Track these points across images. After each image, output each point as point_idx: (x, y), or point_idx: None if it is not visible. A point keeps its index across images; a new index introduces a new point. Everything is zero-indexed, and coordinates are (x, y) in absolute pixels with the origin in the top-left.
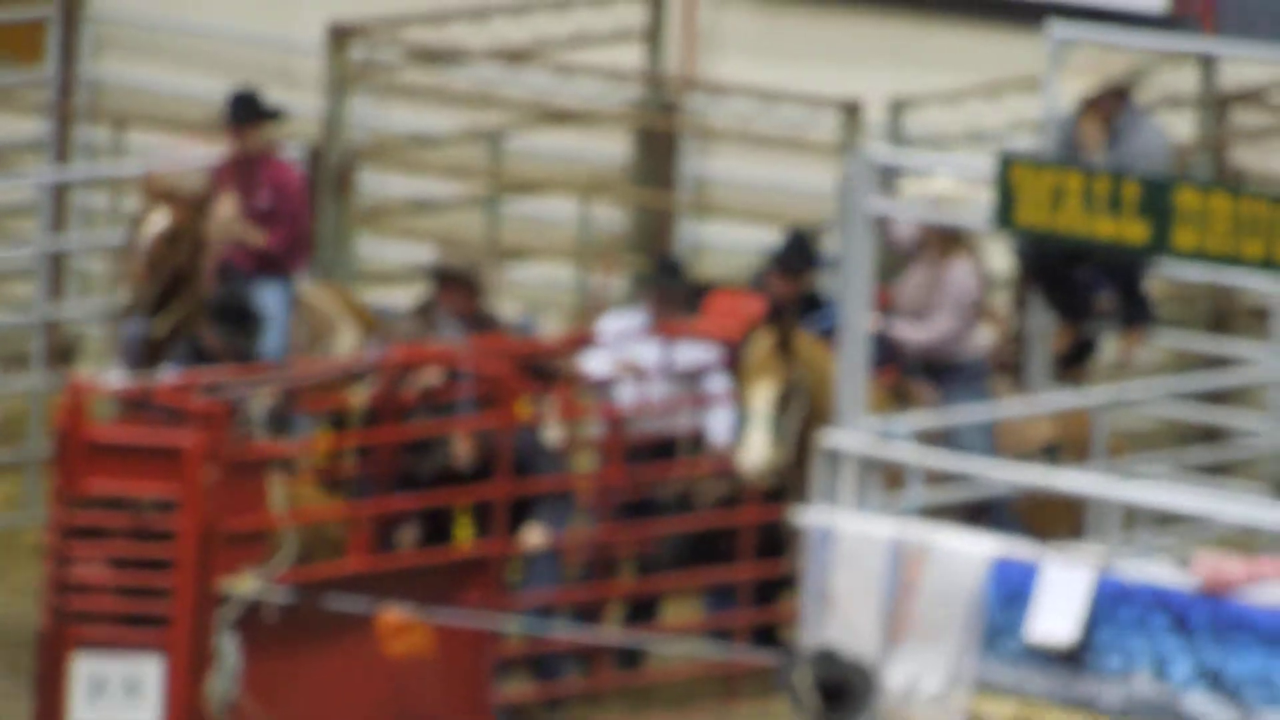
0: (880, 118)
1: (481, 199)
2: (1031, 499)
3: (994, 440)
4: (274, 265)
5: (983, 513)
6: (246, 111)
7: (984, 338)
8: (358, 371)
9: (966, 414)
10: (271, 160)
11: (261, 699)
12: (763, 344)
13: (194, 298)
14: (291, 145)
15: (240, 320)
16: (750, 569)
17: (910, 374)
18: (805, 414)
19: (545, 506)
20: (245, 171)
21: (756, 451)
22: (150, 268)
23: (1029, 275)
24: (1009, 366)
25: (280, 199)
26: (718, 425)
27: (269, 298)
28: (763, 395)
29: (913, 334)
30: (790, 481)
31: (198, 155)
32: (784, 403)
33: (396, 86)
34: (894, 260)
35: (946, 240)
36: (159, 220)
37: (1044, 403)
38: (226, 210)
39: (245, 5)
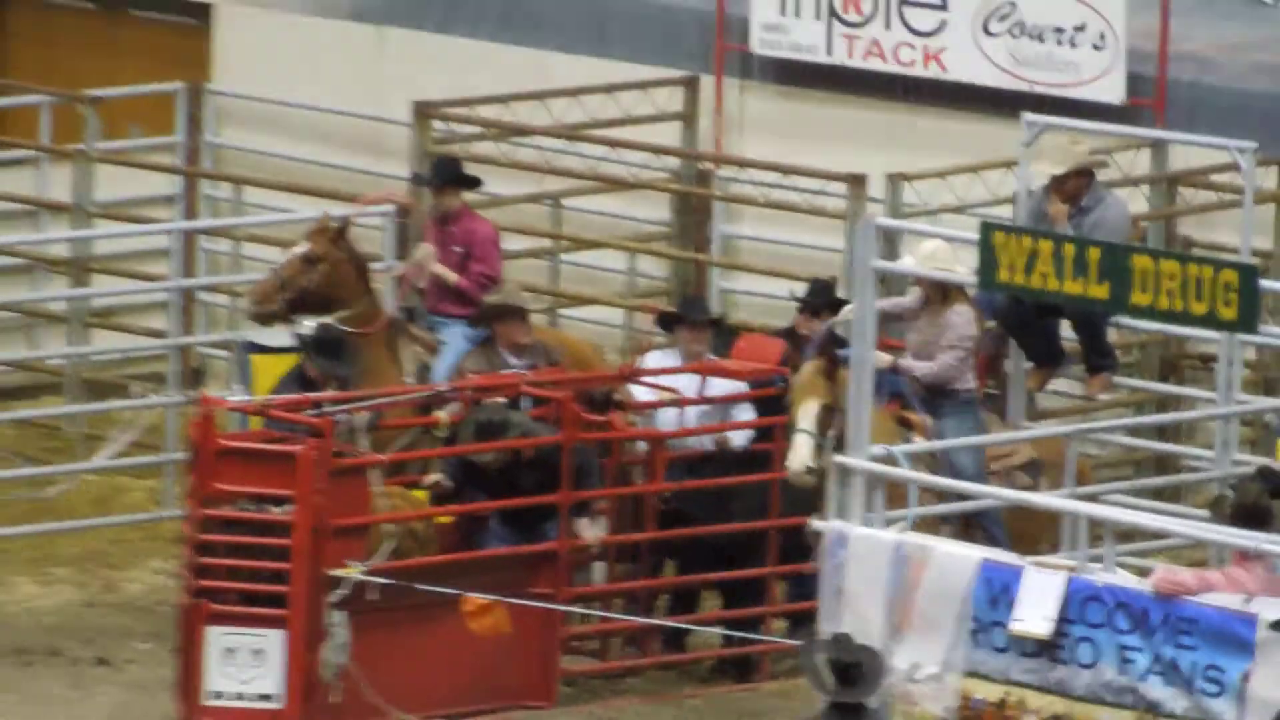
0: (880, 191)
1: (544, 253)
2: (1016, 511)
3: (983, 459)
4: (464, 303)
5: (977, 520)
6: (443, 176)
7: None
8: (442, 396)
9: (960, 439)
10: (465, 216)
11: (366, 667)
12: (810, 369)
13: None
14: (383, 207)
15: (334, 351)
16: (776, 568)
17: (911, 405)
18: (843, 429)
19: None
20: (444, 226)
21: (798, 455)
22: (281, 283)
23: (1006, 326)
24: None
25: (471, 249)
26: (739, 442)
27: (453, 331)
28: (808, 411)
29: (920, 368)
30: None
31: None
32: (825, 418)
33: (471, 156)
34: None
35: (947, 291)
36: (301, 246)
37: (1024, 433)
38: (424, 250)
39: (344, 86)
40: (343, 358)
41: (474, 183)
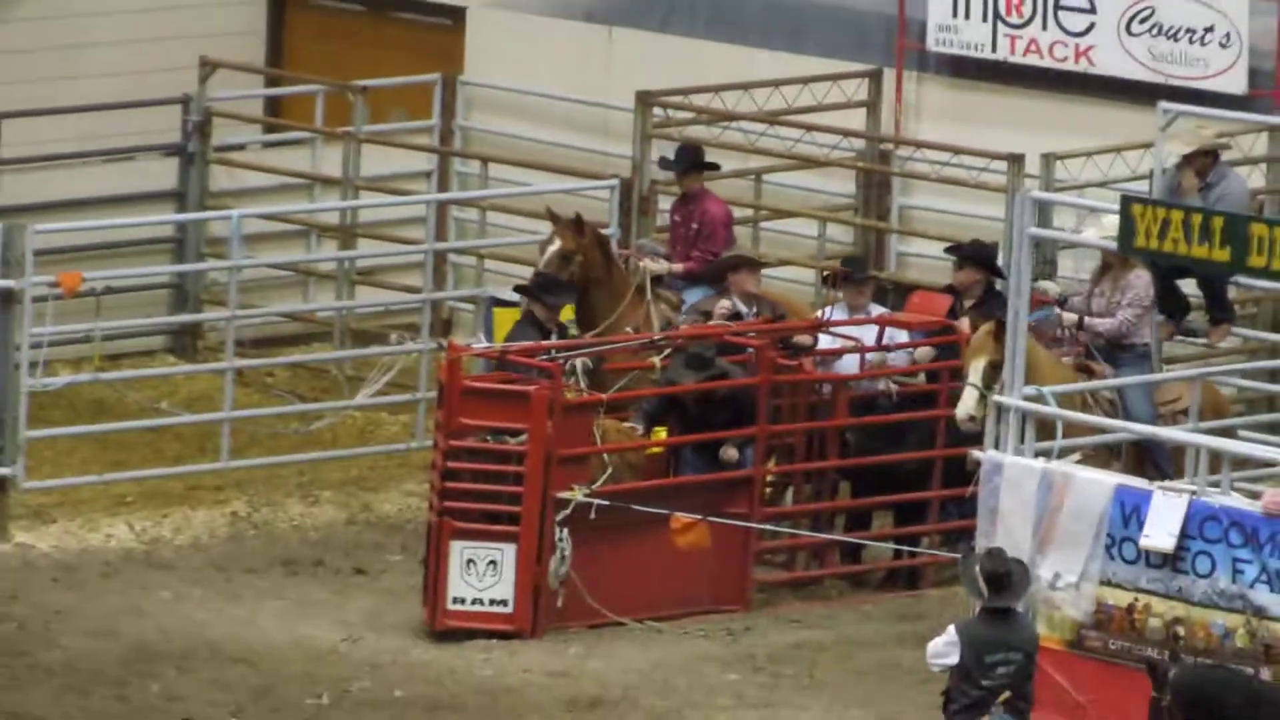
0: (1036, 168)
1: (747, 221)
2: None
3: (1153, 403)
4: (697, 276)
5: (1148, 455)
6: (684, 161)
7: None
8: (658, 342)
9: (1117, 383)
10: (703, 197)
11: (586, 576)
12: (983, 330)
13: (612, 298)
14: (609, 181)
15: (553, 289)
16: (938, 491)
17: (1094, 356)
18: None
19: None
20: (685, 205)
21: (964, 406)
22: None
23: None
24: None
25: (702, 227)
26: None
27: (696, 291)
28: (977, 367)
29: (1101, 324)
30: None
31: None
32: (991, 373)
33: (685, 139)
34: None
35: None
36: (555, 244)
37: (1157, 377)
38: (648, 264)
39: (576, 77)
40: (561, 293)
41: (712, 167)
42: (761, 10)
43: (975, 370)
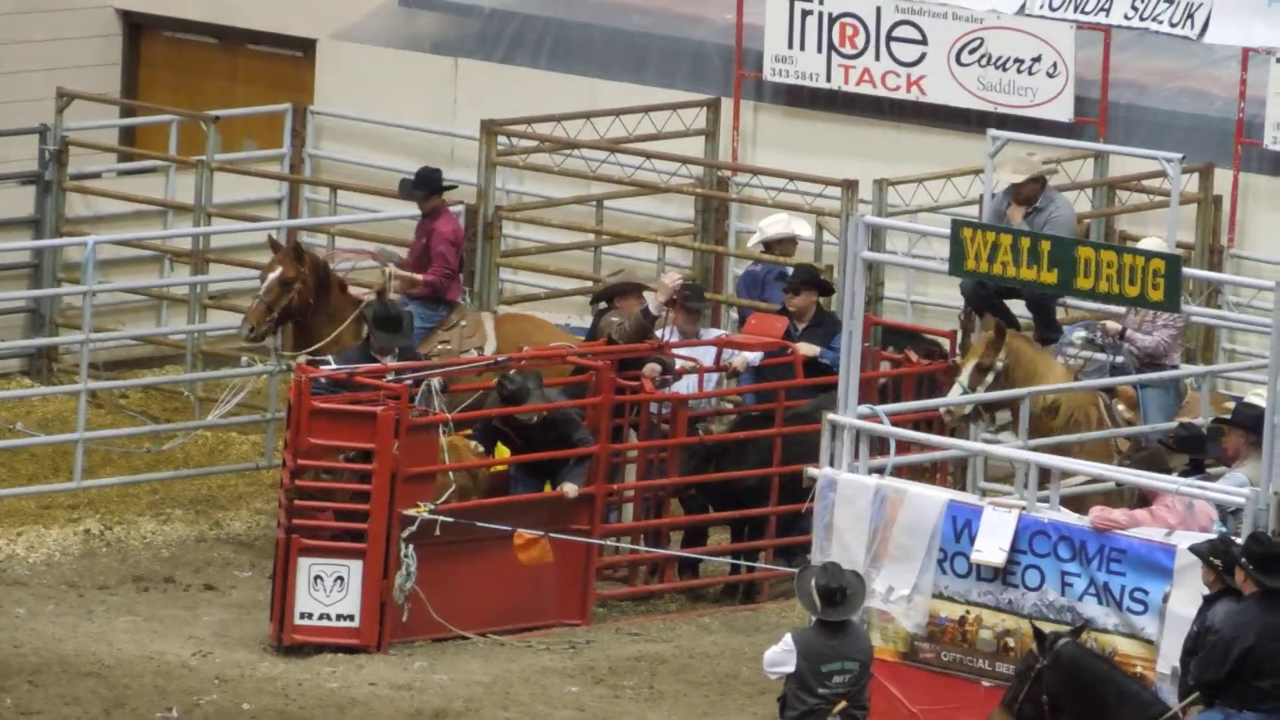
0: (869, 193)
1: (589, 246)
2: None
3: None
4: (431, 290)
5: None
6: (425, 188)
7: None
8: (501, 364)
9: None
10: (437, 216)
11: (430, 592)
12: (984, 334)
13: (330, 321)
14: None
15: (394, 326)
16: (776, 507)
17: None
18: (994, 384)
19: (576, 465)
20: (425, 222)
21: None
22: (268, 306)
23: (971, 306)
24: None
25: (434, 244)
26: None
27: (417, 312)
28: (966, 367)
29: (1141, 340)
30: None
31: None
32: (978, 374)
33: (529, 165)
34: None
35: None
36: (275, 273)
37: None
38: (386, 274)
39: (423, 107)
40: (402, 331)
41: (449, 188)
42: (603, 42)
43: (965, 370)
